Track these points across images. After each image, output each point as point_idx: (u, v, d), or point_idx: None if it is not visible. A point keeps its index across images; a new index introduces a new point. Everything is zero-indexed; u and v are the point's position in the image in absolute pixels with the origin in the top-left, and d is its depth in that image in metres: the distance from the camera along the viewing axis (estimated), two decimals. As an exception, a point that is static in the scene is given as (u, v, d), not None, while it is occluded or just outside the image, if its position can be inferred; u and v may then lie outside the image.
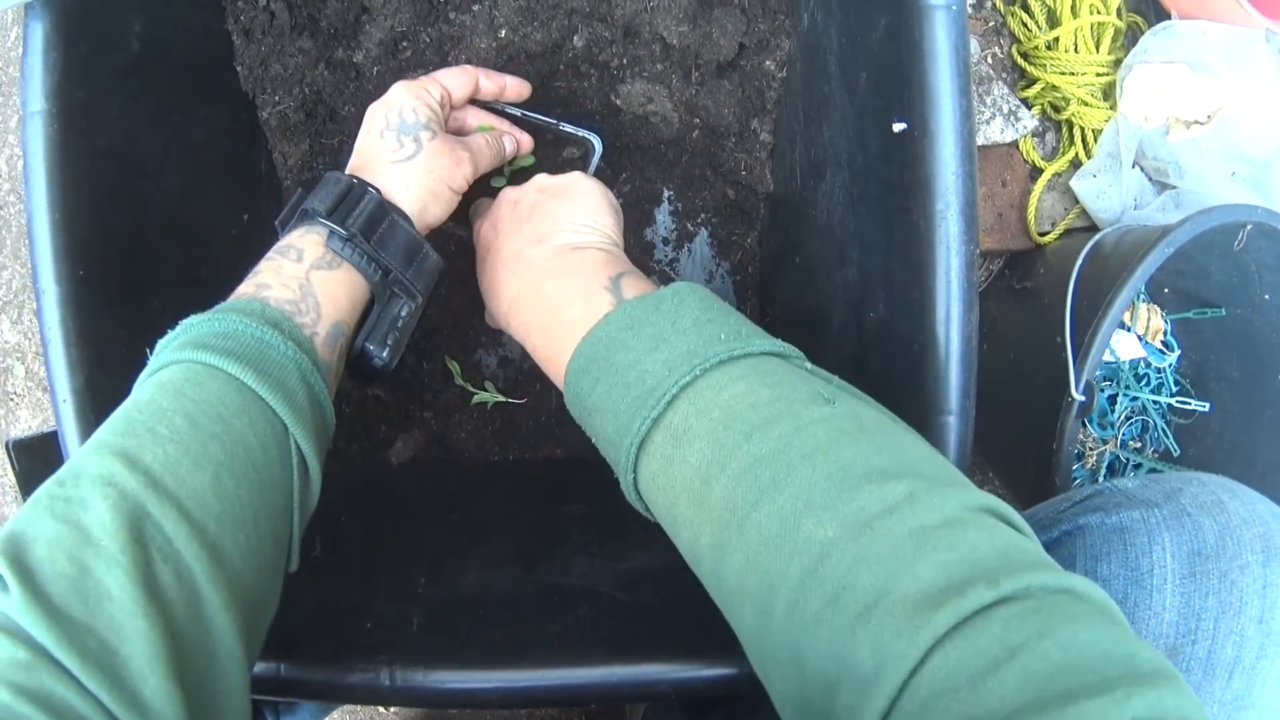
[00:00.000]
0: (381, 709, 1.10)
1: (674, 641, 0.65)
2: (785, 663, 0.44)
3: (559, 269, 0.64)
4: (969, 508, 0.42)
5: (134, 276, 0.70)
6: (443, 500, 0.88)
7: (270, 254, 0.64)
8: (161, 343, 0.58)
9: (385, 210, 0.66)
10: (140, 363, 0.68)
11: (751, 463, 0.46)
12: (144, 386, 0.54)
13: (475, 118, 0.79)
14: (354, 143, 0.73)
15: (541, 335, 0.63)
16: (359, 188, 0.66)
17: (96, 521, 0.45)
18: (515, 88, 0.79)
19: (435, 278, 0.71)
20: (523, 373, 0.93)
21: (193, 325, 0.57)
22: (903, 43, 0.61)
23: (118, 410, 0.53)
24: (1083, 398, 0.73)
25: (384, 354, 0.67)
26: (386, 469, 0.93)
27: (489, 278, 0.70)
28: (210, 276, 0.79)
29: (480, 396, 0.91)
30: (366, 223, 0.64)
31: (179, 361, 0.55)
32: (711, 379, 0.51)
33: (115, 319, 0.68)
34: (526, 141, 0.82)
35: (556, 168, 0.88)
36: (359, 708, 1.10)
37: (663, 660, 0.63)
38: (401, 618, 0.69)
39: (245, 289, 0.61)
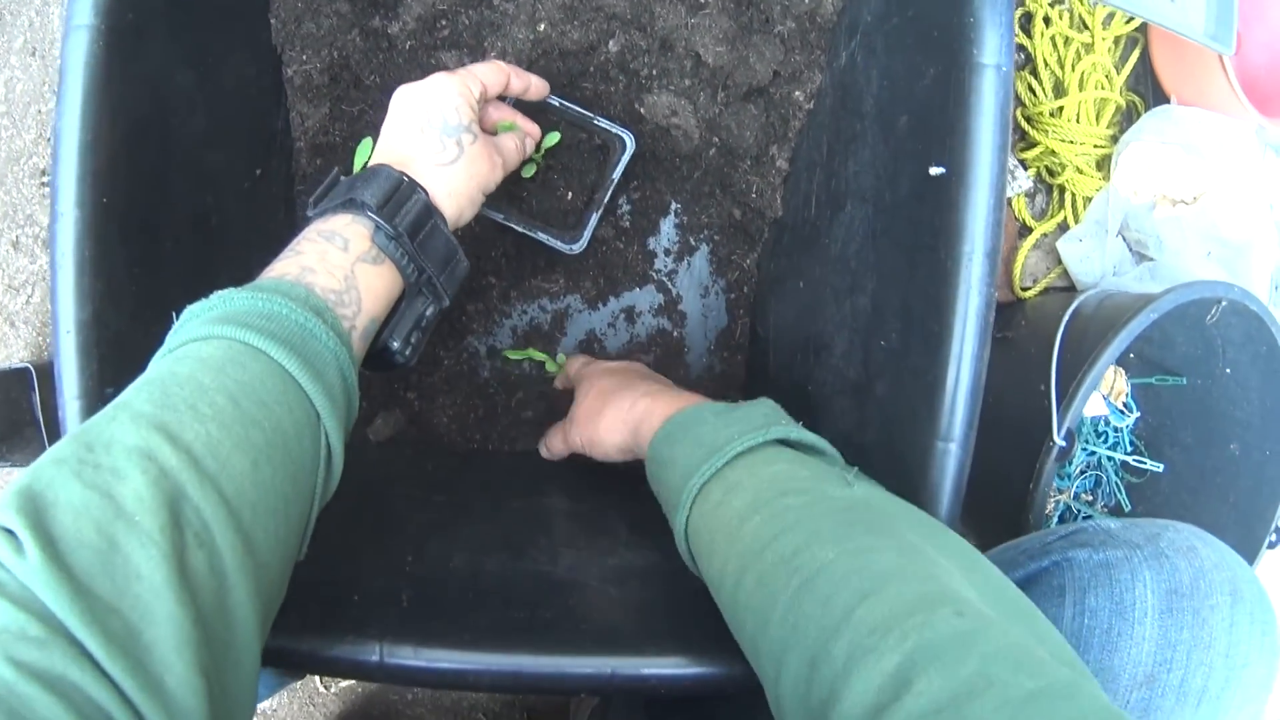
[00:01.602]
0: (321, 688, 1.08)
1: (665, 638, 0.65)
2: (774, 666, 0.50)
3: (670, 398, 0.75)
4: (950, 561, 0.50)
5: (152, 214, 0.68)
6: (423, 481, 0.88)
7: (312, 235, 0.62)
8: (192, 310, 0.55)
9: (430, 213, 0.66)
10: (149, 304, 0.67)
11: (781, 510, 0.55)
12: (179, 358, 0.52)
13: (497, 113, 0.79)
14: (375, 113, 0.72)
15: (641, 427, 0.74)
16: (409, 186, 0.65)
17: (132, 495, 0.43)
18: (538, 88, 0.79)
19: (462, 283, 0.72)
20: (513, 365, 0.94)
21: (231, 299, 0.55)
22: (951, 94, 0.64)
23: (149, 378, 0.51)
24: (1064, 443, 0.77)
25: (406, 351, 0.67)
26: (365, 445, 0.92)
27: (612, 406, 0.78)
28: (219, 226, 0.77)
29: (516, 354, 0.91)
30: (413, 223, 0.64)
31: (219, 337, 0.52)
32: (767, 452, 0.61)
33: (129, 254, 0.66)
34: (535, 131, 0.82)
35: (585, 156, 0.89)
36: (298, 685, 1.07)
37: (655, 655, 0.64)
38: (390, 593, 0.68)
39: (288, 268, 0.59)
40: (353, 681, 1.09)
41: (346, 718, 1.09)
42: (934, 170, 0.66)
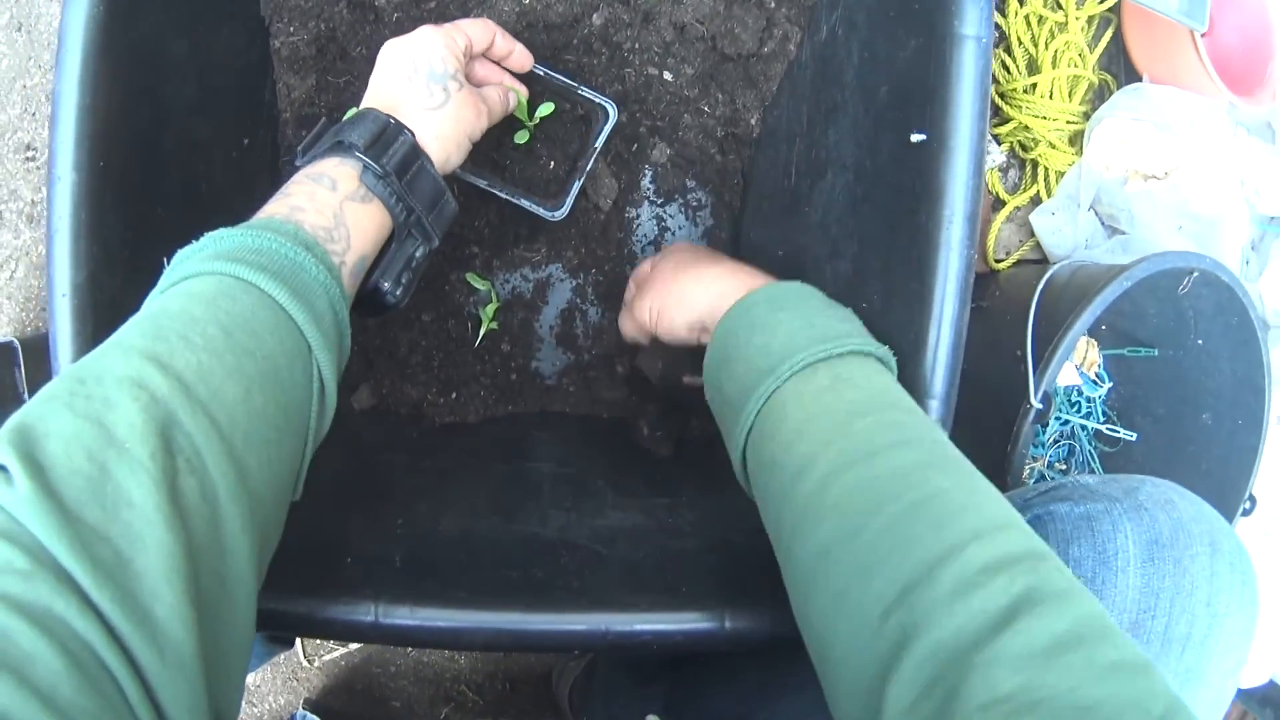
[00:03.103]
0: (305, 662, 1.08)
1: (657, 595, 0.67)
2: (850, 575, 0.49)
3: (760, 274, 0.74)
4: None
5: (146, 180, 0.69)
6: (409, 448, 0.88)
7: (300, 178, 0.63)
8: (184, 252, 0.56)
9: (417, 153, 0.67)
10: (141, 268, 0.67)
11: (894, 421, 0.54)
12: (171, 295, 0.52)
13: (483, 70, 0.80)
14: (360, 85, 0.73)
15: (725, 298, 0.70)
16: (395, 128, 0.66)
17: (123, 422, 0.42)
18: (521, 57, 0.81)
19: (450, 224, 0.73)
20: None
21: (223, 238, 0.55)
22: (932, 64, 0.66)
23: (141, 316, 0.51)
24: (1040, 405, 0.79)
25: (397, 292, 0.68)
26: (350, 413, 0.93)
27: (690, 273, 0.75)
28: (208, 194, 0.78)
29: (487, 312, 0.91)
30: (400, 163, 0.65)
31: (210, 273, 0.53)
32: (872, 362, 0.61)
33: (124, 220, 0.67)
34: (522, 88, 0.83)
35: (568, 125, 0.90)
36: (281, 659, 1.08)
37: (648, 611, 0.65)
38: (383, 555, 0.69)
39: (277, 208, 0.60)
40: (336, 655, 1.10)
41: (330, 691, 1.09)
42: (915, 137, 0.67)
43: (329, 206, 0.61)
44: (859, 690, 0.46)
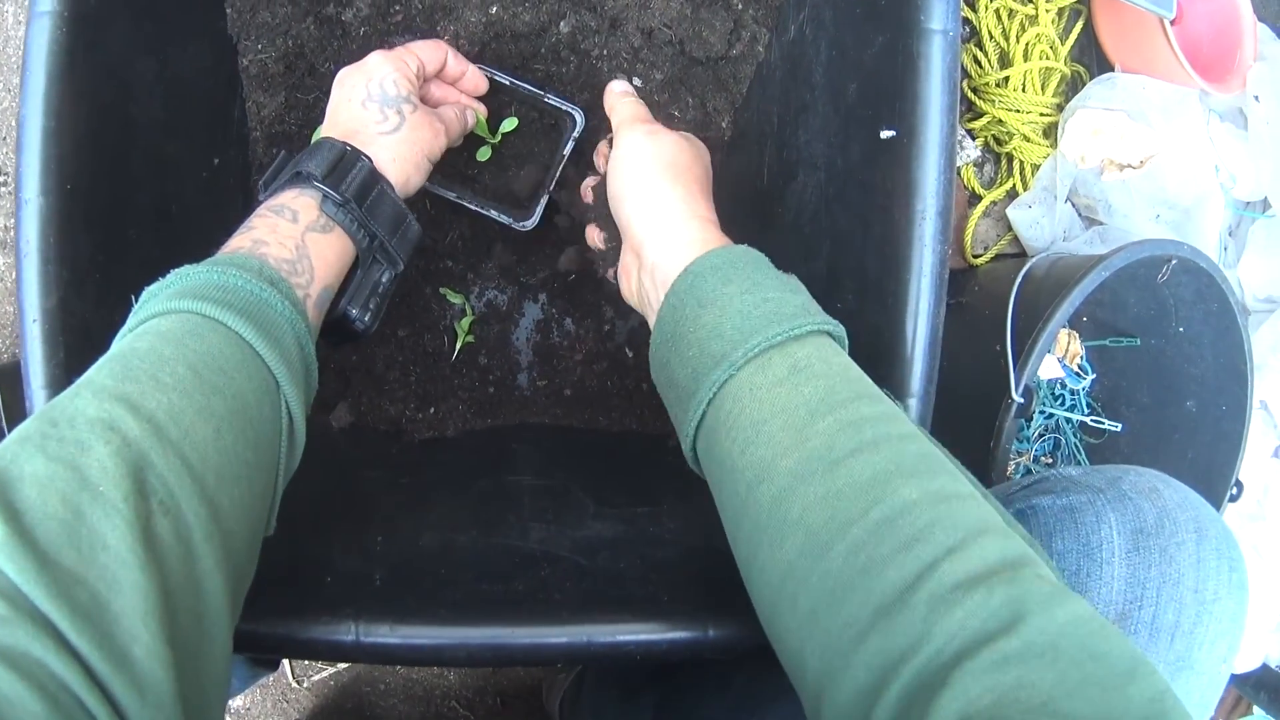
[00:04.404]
0: (294, 683, 1.07)
1: (639, 605, 0.66)
2: (818, 597, 0.46)
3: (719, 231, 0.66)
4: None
5: (115, 202, 0.69)
6: (388, 464, 0.88)
7: (262, 211, 0.63)
8: (150, 290, 0.56)
9: (376, 178, 0.68)
10: (112, 291, 0.67)
11: (858, 419, 0.50)
12: (139, 334, 0.52)
13: (440, 90, 0.80)
14: (328, 101, 0.73)
15: (679, 247, 0.63)
16: (352, 155, 0.67)
17: (96, 465, 0.43)
18: (473, 79, 0.81)
19: (415, 246, 0.73)
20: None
21: (188, 275, 0.55)
22: (900, 60, 0.66)
23: (110, 356, 0.51)
24: (1022, 400, 0.79)
25: (365, 318, 0.68)
26: (328, 431, 0.92)
27: (661, 188, 0.67)
28: (179, 215, 0.77)
29: (462, 326, 0.91)
30: (359, 190, 0.65)
31: (177, 311, 0.53)
32: (827, 340, 0.57)
33: (93, 242, 0.66)
34: (480, 106, 0.84)
35: (537, 135, 0.89)
36: (270, 680, 1.07)
37: (630, 622, 0.65)
38: (362, 574, 0.68)
39: (240, 243, 0.60)
40: (325, 675, 1.09)
41: (319, 713, 1.09)
42: (885, 133, 0.67)
43: (291, 239, 0.61)
44: (843, 712, 0.45)
